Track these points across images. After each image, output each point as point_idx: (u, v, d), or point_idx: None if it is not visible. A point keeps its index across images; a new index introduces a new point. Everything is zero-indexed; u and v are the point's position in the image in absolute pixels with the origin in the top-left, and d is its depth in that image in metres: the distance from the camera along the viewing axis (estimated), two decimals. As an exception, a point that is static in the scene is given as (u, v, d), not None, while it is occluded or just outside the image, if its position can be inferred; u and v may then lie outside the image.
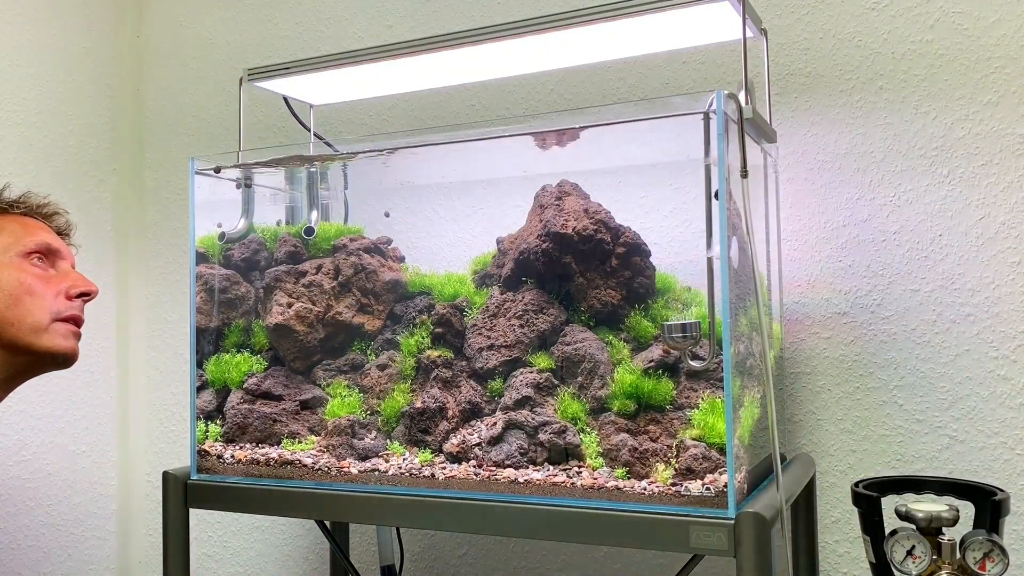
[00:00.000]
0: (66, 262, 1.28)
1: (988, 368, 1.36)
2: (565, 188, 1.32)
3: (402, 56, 1.36)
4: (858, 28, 1.46)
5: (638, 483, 1.11)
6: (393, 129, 1.82)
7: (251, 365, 1.42)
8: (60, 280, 1.24)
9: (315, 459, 1.31)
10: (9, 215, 1.26)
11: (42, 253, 1.24)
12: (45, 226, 1.28)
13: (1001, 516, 1.11)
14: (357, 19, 1.87)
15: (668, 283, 1.27)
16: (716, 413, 1.10)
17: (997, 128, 1.37)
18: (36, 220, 1.28)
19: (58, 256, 1.27)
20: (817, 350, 1.47)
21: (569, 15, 1.22)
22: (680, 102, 1.22)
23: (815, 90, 1.48)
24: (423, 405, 1.28)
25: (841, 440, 1.45)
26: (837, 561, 1.45)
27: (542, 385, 1.24)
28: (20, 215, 1.27)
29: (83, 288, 1.25)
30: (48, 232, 1.27)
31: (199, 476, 1.38)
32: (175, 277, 2.06)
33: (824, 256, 1.47)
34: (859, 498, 1.18)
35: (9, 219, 1.25)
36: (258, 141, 1.95)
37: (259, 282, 1.46)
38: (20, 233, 1.24)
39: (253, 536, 1.94)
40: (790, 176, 1.49)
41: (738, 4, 1.17)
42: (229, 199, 1.51)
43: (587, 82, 1.64)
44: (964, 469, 1.37)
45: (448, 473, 1.21)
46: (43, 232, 1.26)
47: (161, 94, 2.09)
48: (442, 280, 1.38)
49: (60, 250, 1.27)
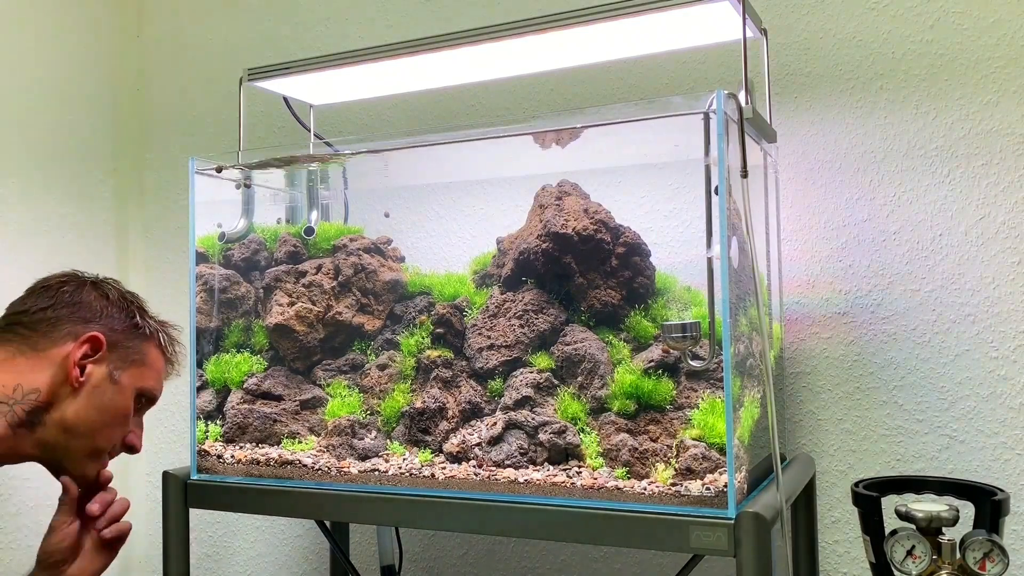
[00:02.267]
0: (148, 410, 1.32)
1: (988, 368, 1.36)
2: (565, 188, 1.32)
3: (402, 56, 1.35)
4: (858, 28, 1.46)
5: (638, 483, 1.11)
6: (393, 129, 1.82)
7: (251, 365, 1.42)
8: (132, 424, 1.27)
9: (315, 459, 1.31)
10: (154, 343, 1.29)
11: (147, 400, 1.29)
12: (165, 371, 1.32)
13: (1001, 516, 1.11)
14: (357, 19, 1.87)
15: (668, 283, 1.27)
16: (716, 413, 1.10)
17: (997, 128, 1.37)
18: (165, 360, 1.31)
19: (149, 406, 1.31)
20: (817, 350, 1.47)
21: (569, 15, 1.22)
22: (680, 102, 1.22)
23: (815, 90, 1.48)
24: (423, 405, 1.28)
25: (841, 440, 1.45)
26: (837, 561, 1.45)
27: (542, 385, 1.24)
28: (160, 347, 1.30)
29: (136, 443, 1.28)
30: (162, 382, 1.31)
31: (199, 476, 1.38)
32: (175, 277, 2.06)
33: (824, 256, 1.47)
34: (859, 498, 1.18)
35: (154, 350, 1.29)
36: (258, 141, 1.95)
37: (259, 282, 1.46)
38: (151, 374, 1.28)
39: (253, 536, 1.94)
40: (790, 176, 1.49)
41: (738, 4, 1.17)
42: (229, 199, 1.51)
43: (587, 82, 1.64)
44: (964, 469, 1.37)
45: (448, 473, 1.21)
46: (161, 382, 1.31)
47: (161, 94, 2.09)
48: (442, 280, 1.38)
49: (154, 403, 1.31)
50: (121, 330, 1.24)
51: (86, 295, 1.24)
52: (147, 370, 1.27)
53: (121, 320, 1.25)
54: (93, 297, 1.25)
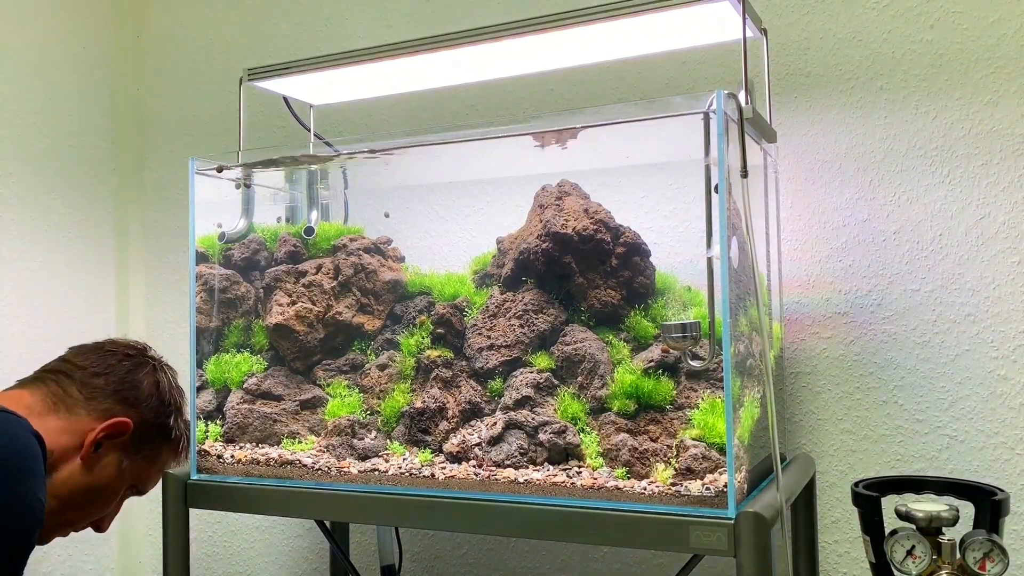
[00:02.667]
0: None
1: (988, 368, 1.36)
2: (565, 188, 1.32)
3: (402, 56, 1.35)
4: (858, 28, 1.46)
5: (638, 483, 1.11)
6: (393, 129, 1.82)
7: (251, 365, 1.42)
8: (110, 509, 1.27)
9: (315, 459, 1.31)
10: (172, 447, 1.30)
11: (136, 492, 1.30)
12: (165, 469, 1.33)
13: (1001, 516, 1.11)
14: (357, 19, 1.87)
15: (668, 283, 1.27)
16: (716, 413, 1.10)
17: (997, 128, 1.37)
18: (176, 461, 1.32)
19: (133, 495, 1.31)
20: (817, 350, 1.47)
21: (569, 15, 1.22)
22: (680, 102, 1.22)
23: (815, 90, 1.48)
24: (423, 405, 1.28)
25: (841, 440, 1.45)
26: (837, 561, 1.45)
27: (542, 385, 1.24)
28: (174, 452, 1.30)
29: (105, 527, 1.29)
30: (159, 478, 1.33)
31: (199, 476, 1.38)
32: (175, 277, 2.06)
33: (824, 256, 1.47)
34: (859, 498, 1.18)
35: (168, 453, 1.30)
36: (258, 141, 1.95)
37: (259, 282, 1.46)
38: (154, 473, 1.30)
39: (253, 536, 1.94)
40: (790, 176, 1.49)
41: (738, 4, 1.17)
42: (229, 199, 1.51)
43: (587, 82, 1.64)
44: (964, 469, 1.37)
45: (448, 473, 1.21)
46: (157, 482, 1.32)
47: (161, 94, 2.09)
48: (442, 280, 1.38)
49: (141, 496, 1.32)
50: (151, 424, 1.25)
51: (140, 377, 1.26)
52: (153, 469, 1.29)
53: (156, 415, 1.26)
54: (146, 383, 1.26)
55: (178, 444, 1.30)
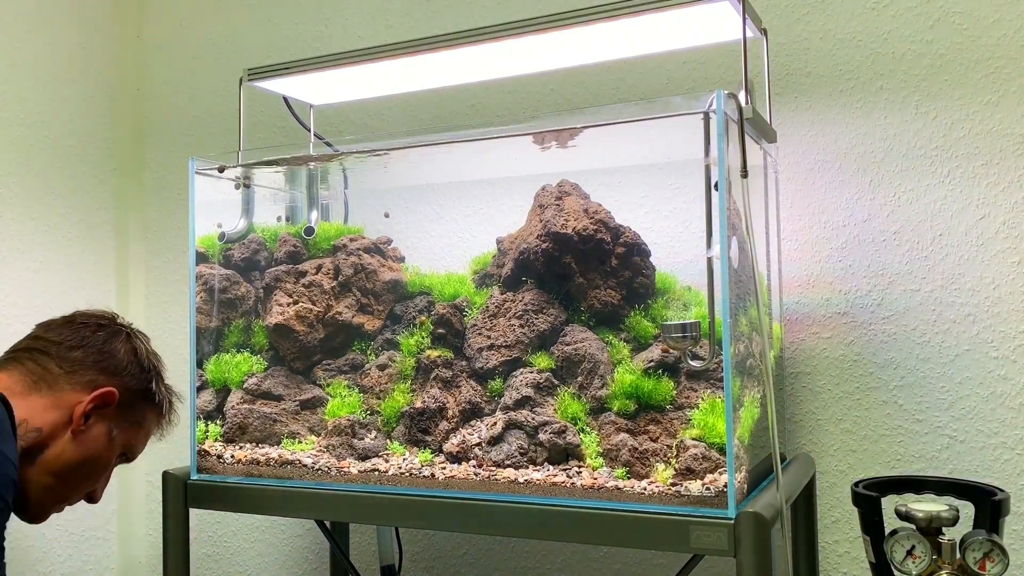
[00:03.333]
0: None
1: (988, 368, 1.36)
2: (565, 188, 1.32)
3: (402, 56, 1.35)
4: (858, 28, 1.46)
5: (638, 483, 1.11)
6: (393, 129, 1.82)
7: (251, 365, 1.42)
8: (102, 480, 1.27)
9: (315, 459, 1.31)
10: (157, 411, 1.30)
11: (126, 458, 1.29)
12: (154, 435, 1.33)
13: (1001, 516, 1.11)
14: (357, 19, 1.87)
15: (668, 283, 1.27)
16: (716, 413, 1.10)
17: (997, 128, 1.37)
18: (161, 424, 1.32)
19: (124, 462, 1.31)
20: (817, 350, 1.47)
21: (569, 15, 1.22)
22: (680, 102, 1.22)
23: (815, 90, 1.48)
24: (423, 405, 1.28)
25: (841, 440, 1.45)
26: (837, 561, 1.45)
27: (542, 385, 1.24)
28: (160, 416, 1.31)
29: (98, 497, 1.28)
30: (146, 446, 1.32)
31: (199, 476, 1.38)
32: (175, 277, 2.06)
33: (824, 256, 1.47)
34: (859, 498, 1.18)
35: (154, 417, 1.30)
36: (258, 141, 1.95)
37: (259, 282, 1.46)
38: (142, 437, 1.29)
39: (253, 536, 1.94)
40: (790, 176, 1.49)
41: (738, 4, 1.17)
42: (229, 199, 1.51)
43: (587, 82, 1.64)
44: (964, 469, 1.37)
45: (448, 473, 1.21)
46: (146, 445, 1.32)
47: (161, 94, 2.09)
48: (442, 280, 1.39)
49: (130, 462, 1.32)
50: (135, 391, 1.25)
51: (117, 346, 1.25)
52: (141, 433, 1.28)
53: (139, 381, 1.26)
54: (123, 351, 1.26)
55: (162, 408, 1.30)
